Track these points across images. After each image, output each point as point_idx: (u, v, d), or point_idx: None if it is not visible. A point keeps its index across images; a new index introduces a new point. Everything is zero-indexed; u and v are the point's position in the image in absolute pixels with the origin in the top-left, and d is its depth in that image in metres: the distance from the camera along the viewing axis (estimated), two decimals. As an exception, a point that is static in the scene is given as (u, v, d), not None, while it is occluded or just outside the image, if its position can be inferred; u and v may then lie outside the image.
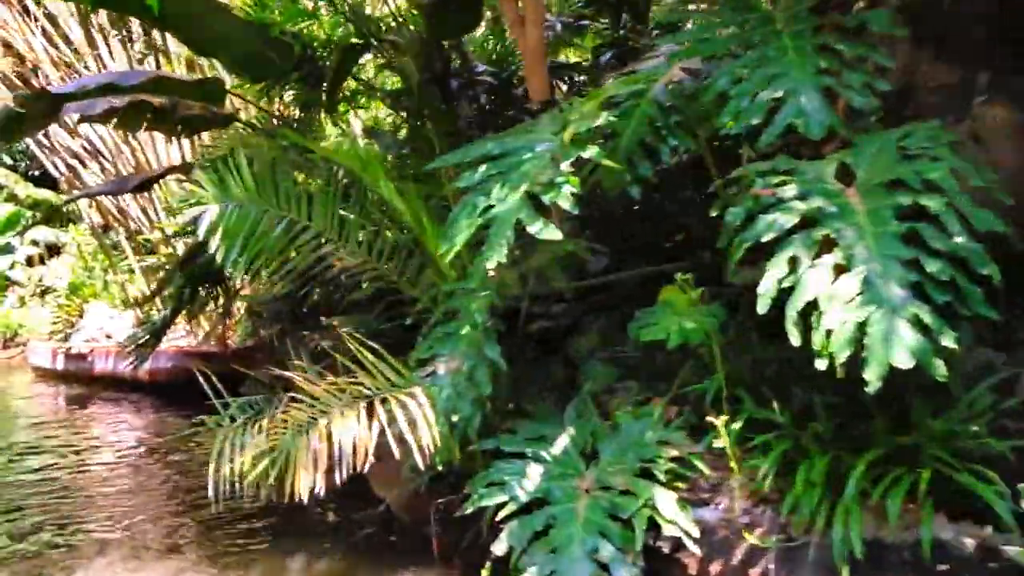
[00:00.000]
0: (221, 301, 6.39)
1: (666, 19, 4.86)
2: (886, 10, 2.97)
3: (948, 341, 2.09)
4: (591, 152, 2.76)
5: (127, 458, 5.59)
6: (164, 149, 9.48)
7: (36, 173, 15.99)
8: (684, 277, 2.88)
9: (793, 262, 2.36)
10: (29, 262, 14.41)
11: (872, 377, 2.09)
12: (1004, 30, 2.94)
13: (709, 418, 2.73)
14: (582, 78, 6.07)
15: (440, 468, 2.93)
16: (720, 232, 2.65)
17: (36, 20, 9.84)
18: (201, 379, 3.56)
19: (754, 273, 2.46)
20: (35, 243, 14.60)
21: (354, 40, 5.48)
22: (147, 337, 6.28)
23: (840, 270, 2.29)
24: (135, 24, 8.90)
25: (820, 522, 2.37)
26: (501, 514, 2.72)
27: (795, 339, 2.28)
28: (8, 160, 15.70)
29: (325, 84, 5.49)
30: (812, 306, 2.27)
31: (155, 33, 8.55)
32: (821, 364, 2.23)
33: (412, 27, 5.52)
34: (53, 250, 14.88)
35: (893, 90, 2.83)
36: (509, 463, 2.93)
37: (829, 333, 2.20)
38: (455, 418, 2.91)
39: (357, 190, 3.66)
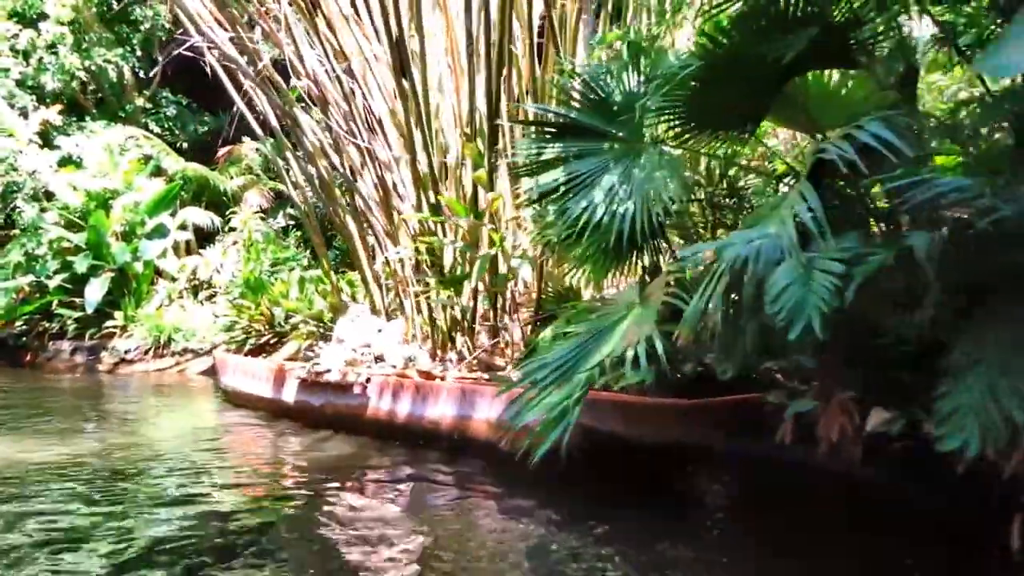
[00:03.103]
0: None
1: None
2: None
3: None
4: None
5: None
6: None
7: (184, 145, 13.53)
8: None
9: None
10: (176, 251, 11.83)
11: None
12: None
13: None
14: None
15: None
16: None
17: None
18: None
19: None
20: (184, 227, 11.99)
21: None
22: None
23: None
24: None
25: None
26: None
27: None
28: (156, 129, 13.23)
29: None
30: None
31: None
32: None
33: None
34: (203, 237, 12.30)
35: None
36: None
37: None
38: None
39: None
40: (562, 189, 4.59)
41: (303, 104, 7.80)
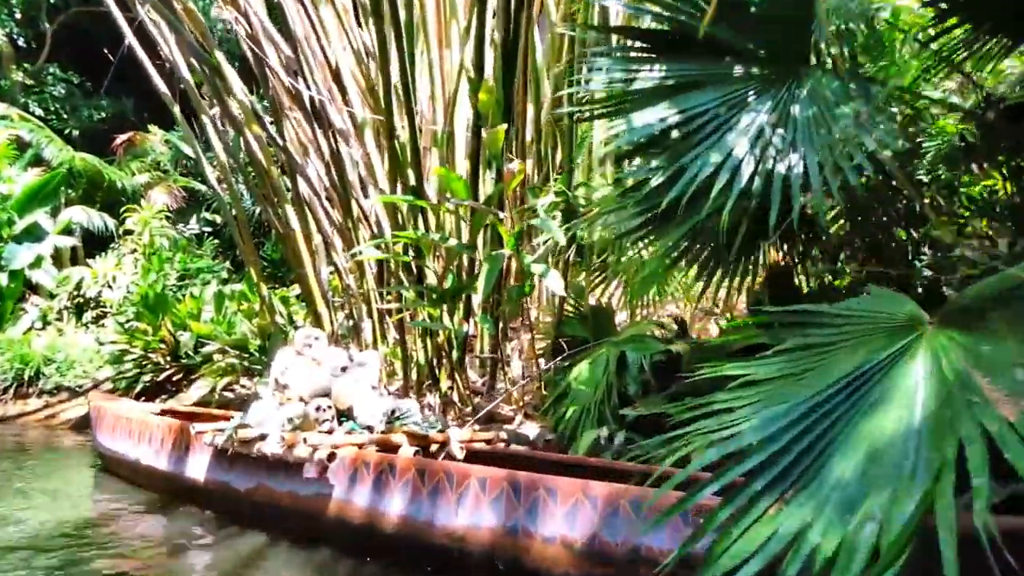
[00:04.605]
0: None
1: None
2: None
3: None
4: None
5: None
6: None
7: (74, 132, 11.11)
8: None
9: None
10: (56, 260, 9.41)
11: None
12: None
13: None
14: None
15: None
16: None
17: None
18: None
19: None
20: (68, 230, 9.59)
21: None
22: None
23: None
24: None
25: None
26: None
27: None
28: (39, 111, 10.75)
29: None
30: None
31: None
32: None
33: None
34: (95, 245, 9.90)
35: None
36: None
37: None
38: None
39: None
40: (673, 135, 2.77)
41: (227, 46, 5.77)
